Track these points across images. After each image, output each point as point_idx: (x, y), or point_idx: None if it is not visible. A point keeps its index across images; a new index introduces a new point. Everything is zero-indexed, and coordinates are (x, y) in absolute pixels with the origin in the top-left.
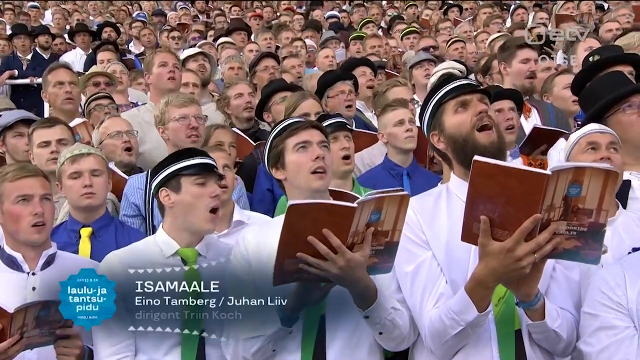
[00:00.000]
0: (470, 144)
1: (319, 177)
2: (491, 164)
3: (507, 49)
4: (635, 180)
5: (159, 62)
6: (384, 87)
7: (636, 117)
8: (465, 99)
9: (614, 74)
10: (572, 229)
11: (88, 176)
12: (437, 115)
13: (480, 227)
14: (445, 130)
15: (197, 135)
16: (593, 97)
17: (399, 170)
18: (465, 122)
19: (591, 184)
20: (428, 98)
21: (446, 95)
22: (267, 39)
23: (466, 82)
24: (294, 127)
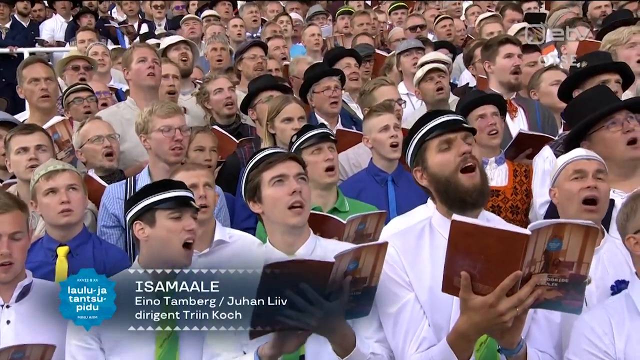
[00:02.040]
0: (453, 185)
1: (296, 212)
2: (469, 224)
3: (490, 47)
4: (619, 199)
5: (137, 58)
6: (371, 86)
7: (620, 134)
8: (449, 138)
9: (599, 89)
10: (553, 280)
11: (64, 192)
12: (421, 152)
13: (461, 283)
14: (429, 169)
15: (180, 147)
16: (578, 112)
17: (383, 176)
18: (448, 162)
19: (571, 239)
20: (413, 130)
21: (430, 132)
22: (252, 12)
23: (451, 118)
24: (270, 159)
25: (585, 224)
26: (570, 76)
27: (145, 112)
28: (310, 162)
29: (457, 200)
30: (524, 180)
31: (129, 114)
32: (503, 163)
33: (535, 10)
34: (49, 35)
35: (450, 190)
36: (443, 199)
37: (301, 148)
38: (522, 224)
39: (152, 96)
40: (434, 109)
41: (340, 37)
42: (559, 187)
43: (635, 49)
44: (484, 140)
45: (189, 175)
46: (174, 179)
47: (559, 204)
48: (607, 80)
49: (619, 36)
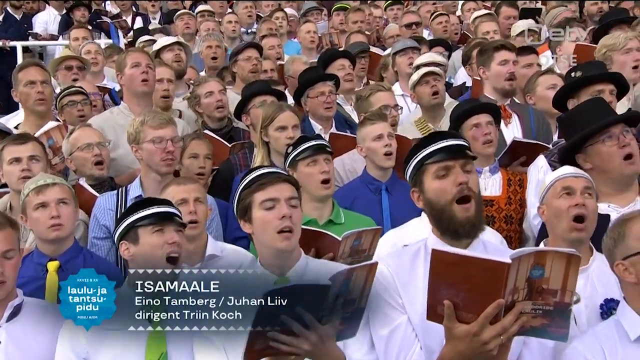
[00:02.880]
0: (447, 214)
1: (285, 237)
2: (450, 254)
3: (485, 53)
4: (614, 213)
5: (131, 63)
6: (367, 92)
7: (616, 148)
8: (448, 165)
9: (595, 102)
10: (537, 308)
11: (54, 206)
12: (419, 174)
13: (445, 311)
14: (425, 193)
15: (172, 159)
16: (574, 124)
17: (377, 185)
18: (444, 191)
19: (554, 266)
20: (414, 151)
21: (430, 156)
22: (247, 7)
23: (453, 143)
24: (263, 181)
25: (567, 252)
26: (565, 86)
27: (137, 123)
28: (306, 174)
29: (450, 230)
30: (518, 190)
31: (123, 119)
32: (497, 172)
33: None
34: (42, 29)
35: (444, 219)
36: (437, 224)
37: (297, 159)
38: (516, 233)
39: (146, 102)
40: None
41: (335, 34)
42: (547, 204)
43: (631, 55)
44: (478, 149)
45: (180, 190)
46: (165, 194)
47: (547, 221)
48: (601, 90)
49: (615, 41)
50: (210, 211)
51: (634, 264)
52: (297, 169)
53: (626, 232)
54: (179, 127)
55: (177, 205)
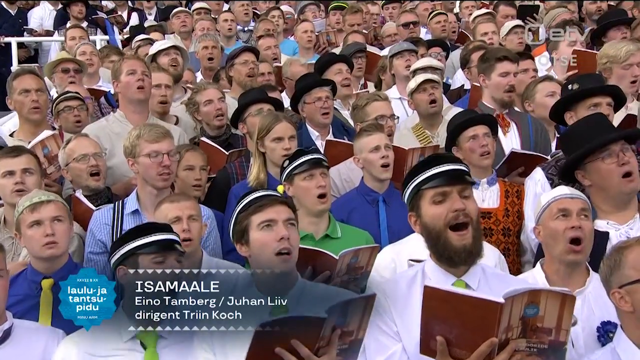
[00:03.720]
0: (442, 241)
1: (283, 259)
2: (443, 291)
3: (486, 61)
4: (613, 231)
5: (127, 70)
6: (364, 101)
7: (615, 166)
8: (445, 191)
9: (595, 118)
10: (532, 346)
11: (49, 224)
12: (417, 198)
13: (437, 347)
14: (422, 218)
15: (168, 173)
16: (573, 140)
17: (374, 196)
18: (440, 216)
19: (548, 305)
20: (411, 174)
21: (427, 181)
22: (243, 5)
23: (451, 167)
24: (260, 203)
25: (561, 292)
26: (562, 98)
27: (133, 136)
28: (302, 188)
29: (446, 257)
30: (516, 202)
31: (118, 127)
32: (495, 184)
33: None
34: (37, 24)
35: (439, 245)
36: (433, 249)
37: (293, 173)
38: (514, 245)
39: (142, 109)
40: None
41: (333, 33)
42: (543, 225)
43: (631, 70)
44: (475, 161)
45: (173, 207)
46: (158, 211)
47: (544, 242)
48: (598, 103)
49: (617, 53)
50: (206, 226)
51: (630, 293)
52: (294, 183)
53: (622, 260)
54: (175, 135)
55: (171, 222)
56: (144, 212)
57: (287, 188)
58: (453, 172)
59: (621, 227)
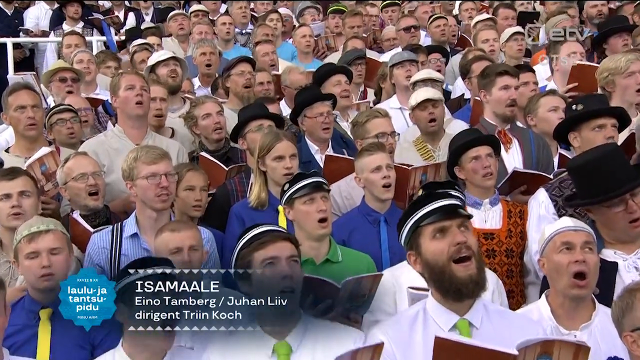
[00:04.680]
0: (447, 275)
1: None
2: (453, 342)
3: (487, 77)
4: (621, 261)
5: (125, 85)
6: (364, 118)
7: (623, 213)
8: (444, 226)
9: (610, 154)
10: None
11: (46, 256)
12: (415, 236)
13: None
14: (423, 255)
15: (167, 194)
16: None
17: (376, 216)
18: (442, 251)
19: (562, 356)
20: (408, 213)
21: (425, 217)
22: (241, 7)
23: (448, 203)
24: (262, 239)
25: (575, 342)
26: (566, 119)
27: (130, 158)
28: (303, 213)
29: (453, 290)
30: (519, 222)
31: (117, 143)
32: (497, 204)
33: (529, 7)
34: (33, 24)
35: (445, 280)
36: (437, 287)
37: (293, 197)
38: (517, 267)
39: (141, 124)
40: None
41: (332, 38)
42: (547, 258)
43: (634, 78)
44: (478, 182)
45: (174, 237)
46: (158, 240)
47: (548, 275)
48: (603, 124)
49: (617, 64)
50: (207, 254)
51: None
52: (294, 207)
53: (634, 303)
54: (174, 150)
55: (171, 254)
56: (143, 235)
57: (287, 212)
58: (450, 207)
59: (629, 257)
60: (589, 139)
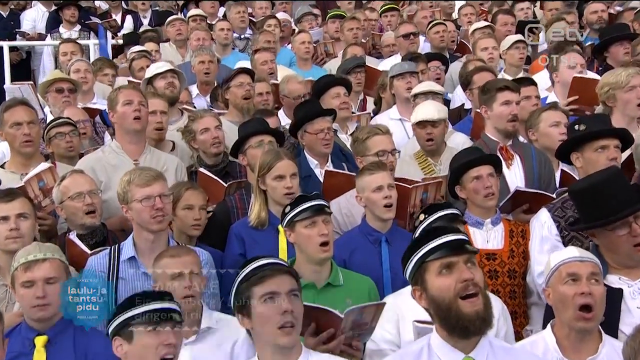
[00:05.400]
0: (454, 312)
1: (287, 332)
2: None
3: (487, 92)
4: (626, 287)
5: (123, 100)
6: (365, 135)
7: (627, 237)
8: (451, 262)
9: (612, 178)
10: None
11: (42, 286)
12: (421, 271)
13: None
14: (428, 291)
15: (162, 215)
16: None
17: (377, 236)
18: (449, 288)
19: None
20: (413, 248)
21: (431, 253)
22: (240, 12)
23: (454, 238)
24: (262, 274)
25: None
26: (569, 140)
27: (124, 182)
28: (304, 236)
29: (459, 327)
30: (521, 242)
31: (114, 159)
32: (499, 223)
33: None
34: (30, 26)
35: (451, 317)
36: (443, 323)
37: (295, 220)
38: (520, 287)
39: (139, 139)
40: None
41: (331, 44)
42: (552, 288)
43: (635, 92)
44: (479, 202)
45: (174, 262)
46: (158, 266)
47: (554, 305)
48: (606, 145)
49: (618, 79)
50: (206, 279)
51: None
52: (295, 230)
53: None
54: (173, 166)
55: (172, 279)
56: (141, 258)
57: (288, 234)
58: (456, 243)
59: (634, 284)
60: (592, 160)
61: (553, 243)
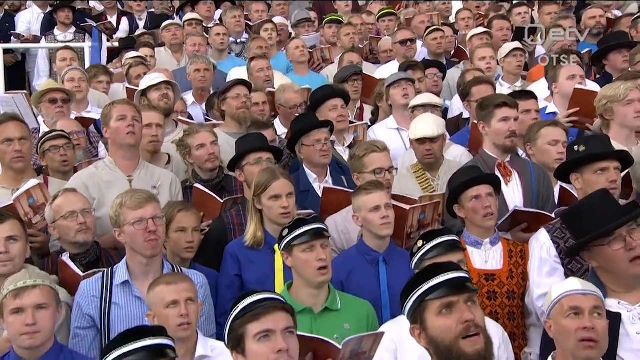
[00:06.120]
0: (455, 352)
1: None
2: None
3: (485, 108)
4: (625, 311)
5: (117, 116)
6: (362, 152)
7: (622, 251)
8: (451, 302)
9: (602, 198)
10: None
11: (31, 313)
12: (420, 310)
13: None
14: (428, 331)
15: (155, 239)
16: (579, 220)
17: (374, 255)
18: (450, 328)
19: None
20: (412, 285)
21: (431, 291)
22: (236, 16)
23: (455, 276)
24: (256, 311)
25: None
26: (568, 161)
27: (116, 205)
28: (302, 260)
29: None
30: (520, 262)
31: (108, 175)
32: (497, 243)
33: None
34: (25, 28)
35: (452, 358)
36: None
37: (292, 244)
38: (519, 309)
39: (133, 154)
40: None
41: (327, 50)
42: (554, 321)
43: (633, 106)
44: (478, 222)
45: (170, 290)
46: (153, 294)
47: (555, 338)
48: (606, 168)
49: (616, 92)
50: (202, 306)
51: None
52: (293, 254)
53: None
54: (167, 181)
55: (167, 307)
56: (135, 282)
57: (285, 258)
58: (457, 281)
59: (633, 308)
60: (592, 182)
61: (552, 265)
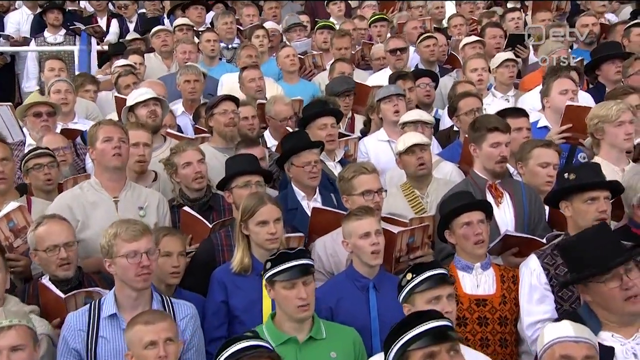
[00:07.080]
0: None
1: None
2: None
3: (477, 131)
4: (619, 345)
5: (103, 137)
6: (350, 174)
7: (618, 290)
8: (433, 351)
9: (600, 232)
10: None
11: (6, 355)
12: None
13: None
14: None
15: (148, 273)
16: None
17: (364, 282)
18: None
19: None
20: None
21: (413, 341)
22: (227, 22)
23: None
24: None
25: None
26: (558, 190)
27: (110, 235)
28: (282, 296)
29: None
30: (512, 287)
31: (93, 196)
32: (489, 268)
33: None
34: (14, 29)
35: None
36: None
37: (274, 279)
38: (512, 335)
39: (118, 176)
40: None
41: (319, 56)
42: None
43: (623, 128)
44: (469, 249)
45: (148, 330)
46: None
47: None
48: (596, 197)
49: (608, 112)
50: (182, 344)
51: None
52: (275, 288)
53: None
54: (153, 201)
55: (146, 347)
56: (123, 314)
57: (268, 290)
58: (439, 330)
59: (627, 342)
60: (581, 211)
61: (542, 292)
